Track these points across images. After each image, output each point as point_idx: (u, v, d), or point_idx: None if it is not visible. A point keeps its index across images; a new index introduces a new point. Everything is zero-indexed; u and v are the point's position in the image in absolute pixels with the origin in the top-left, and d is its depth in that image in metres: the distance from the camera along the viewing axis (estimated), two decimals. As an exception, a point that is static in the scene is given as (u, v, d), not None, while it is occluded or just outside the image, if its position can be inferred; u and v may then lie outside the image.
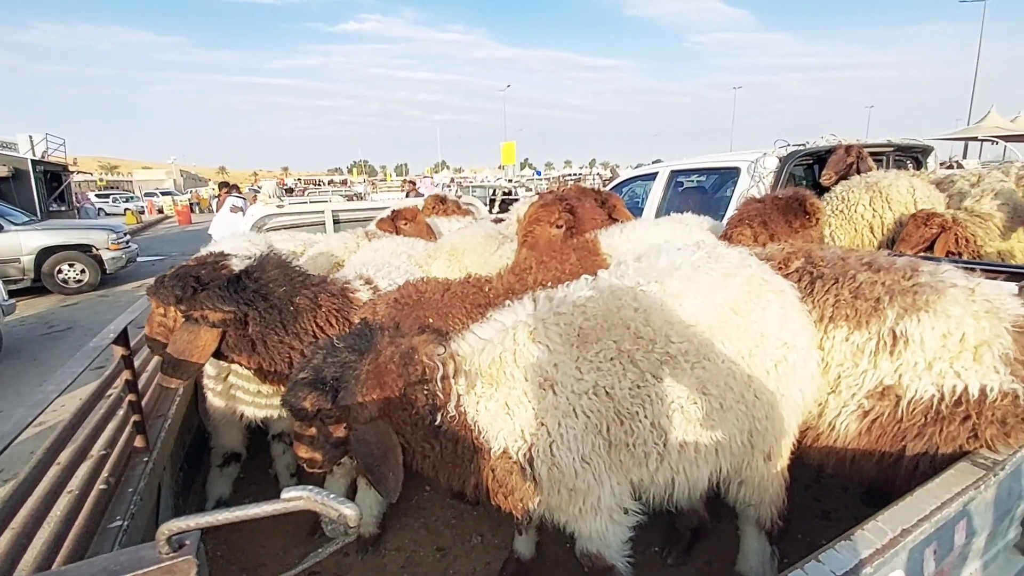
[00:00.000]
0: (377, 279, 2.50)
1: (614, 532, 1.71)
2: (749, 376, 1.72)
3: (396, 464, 1.52)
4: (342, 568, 2.45)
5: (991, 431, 1.70)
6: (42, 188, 12.82)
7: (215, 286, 1.94)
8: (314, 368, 1.55)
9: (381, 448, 1.51)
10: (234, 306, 1.94)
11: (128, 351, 2.00)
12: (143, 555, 0.66)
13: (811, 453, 2.00)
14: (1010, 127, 12.34)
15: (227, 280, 1.98)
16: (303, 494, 0.69)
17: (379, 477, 1.50)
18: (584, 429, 1.58)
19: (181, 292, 1.91)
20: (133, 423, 2.00)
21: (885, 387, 1.80)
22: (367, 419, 1.51)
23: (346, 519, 0.69)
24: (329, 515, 0.69)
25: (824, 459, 1.97)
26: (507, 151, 27.40)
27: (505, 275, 2.18)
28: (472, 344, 1.68)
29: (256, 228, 4.75)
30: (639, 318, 1.66)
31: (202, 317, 1.92)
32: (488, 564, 2.43)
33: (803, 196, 2.83)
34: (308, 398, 1.50)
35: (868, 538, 1.36)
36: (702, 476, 1.74)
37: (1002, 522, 1.81)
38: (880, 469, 1.87)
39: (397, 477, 1.52)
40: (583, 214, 2.53)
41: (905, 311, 1.79)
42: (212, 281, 1.96)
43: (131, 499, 1.73)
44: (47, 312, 8.61)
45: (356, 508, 0.70)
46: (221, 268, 2.02)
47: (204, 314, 1.92)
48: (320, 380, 1.52)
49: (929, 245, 3.55)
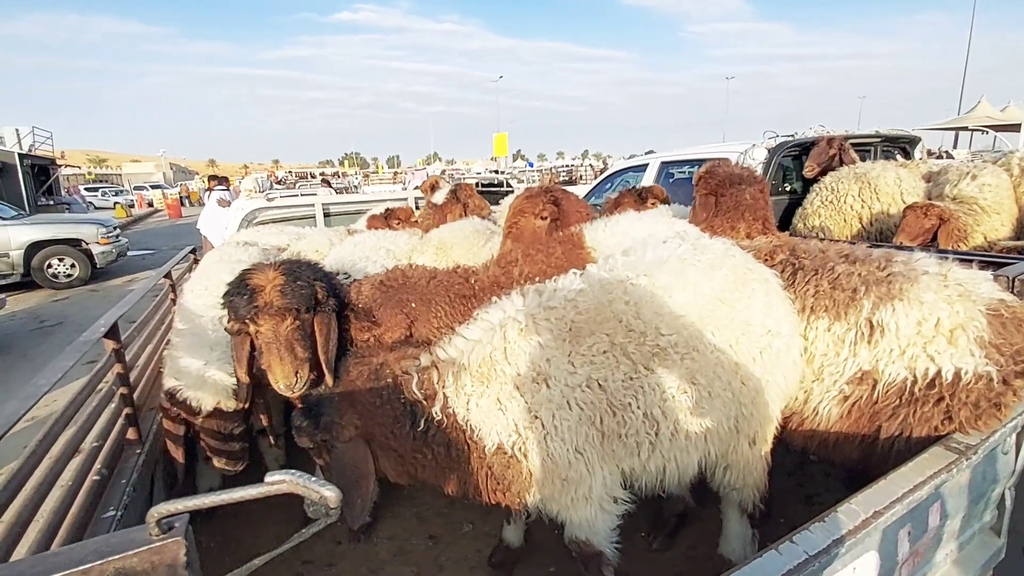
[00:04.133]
0: (354, 273, 2.53)
1: (603, 520, 1.75)
2: (736, 364, 1.76)
3: (366, 492, 1.59)
4: (334, 557, 2.49)
5: (965, 413, 1.75)
6: (30, 182, 12.67)
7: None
8: (306, 406, 1.65)
9: (355, 472, 1.58)
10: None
11: (119, 345, 2.01)
12: (133, 537, 0.68)
13: (796, 437, 2.05)
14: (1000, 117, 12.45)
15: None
16: (286, 477, 0.72)
17: (348, 500, 1.58)
18: (578, 421, 1.62)
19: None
20: (125, 416, 2.01)
21: (864, 372, 1.85)
22: (346, 439, 1.59)
23: (327, 500, 0.72)
24: (311, 497, 0.72)
25: (808, 443, 2.03)
26: (499, 143, 27.34)
27: (491, 267, 2.20)
28: (459, 346, 1.71)
29: (247, 222, 4.74)
30: (630, 311, 1.70)
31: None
32: (479, 551, 2.48)
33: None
34: (303, 437, 1.63)
35: (841, 520, 1.39)
36: (692, 463, 1.79)
37: (977, 505, 1.87)
38: (859, 451, 1.93)
39: (364, 505, 1.60)
40: (568, 206, 2.56)
41: (880, 300, 1.84)
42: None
43: (124, 490, 1.75)
44: (37, 307, 8.55)
45: (336, 490, 0.74)
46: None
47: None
48: (309, 414, 1.61)
49: (932, 237, 3.60)
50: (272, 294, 1.76)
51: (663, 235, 1.99)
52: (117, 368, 2.00)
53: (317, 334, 1.87)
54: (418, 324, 2.03)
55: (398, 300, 2.02)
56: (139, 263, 12.07)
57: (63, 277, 9.82)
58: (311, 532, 0.84)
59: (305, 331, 1.85)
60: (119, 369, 2.00)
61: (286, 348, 1.77)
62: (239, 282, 1.81)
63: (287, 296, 1.77)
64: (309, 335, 1.87)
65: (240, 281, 1.81)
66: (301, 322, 1.83)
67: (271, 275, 1.80)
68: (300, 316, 1.82)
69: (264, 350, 1.79)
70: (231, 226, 4.91)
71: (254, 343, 1.85)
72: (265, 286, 1.77)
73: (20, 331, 7.23)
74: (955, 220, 3.59)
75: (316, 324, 1.87)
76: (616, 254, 1.90)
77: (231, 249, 2.55)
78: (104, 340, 1.94)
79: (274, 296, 1.76)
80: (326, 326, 1.88)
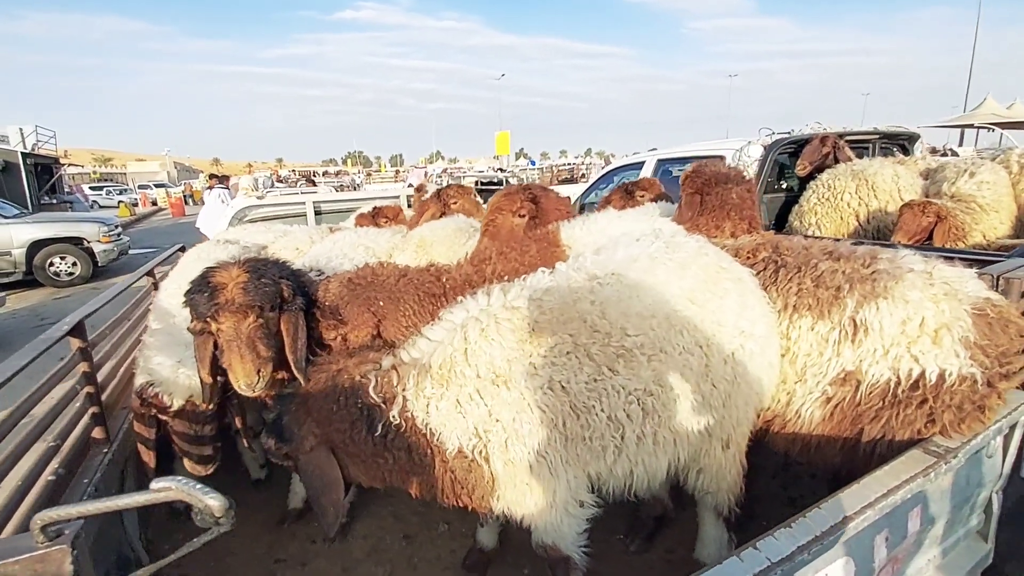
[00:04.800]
0: (329, 271, 2.50)
1: (569, 524, 1.71)
2: (706, 366, 1.71)
3: (336, 500, 1.57)
4: (308, 555, 2.47)
5: (948, 416, 1.68)
6: (33, 181, 12.76)
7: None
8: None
9: (322, 481, 1.56)
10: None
11: (85, 343, 1.99)
12: (17, 544, 0.66)
13: (778, 441, 2.00)
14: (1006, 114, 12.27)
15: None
16: (172, 484, 0.69)
17: (320, 510, 1.58)
18: (540, 424, 1.58)
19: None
20: (92, 415, 1.99)
21: (847, 373, 1.80)
22: (307, 449, 1.57)
23: (211, 510, 0.69)
24: (197, 506, 0.69)
25: (790, 447, 1.98)
26: (501, 141, 27.33)
27: (464, 265, 2.17)
28: (421, 347, 1.67)
29: (237, 220, 4.73)
30: (595, 311, 1.65)
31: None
32: (453, 552, 2.45)
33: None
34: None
35: (809, 525, 1.35)
36: (660, 467, 1.74)
37: (961, 509, 1.81)
38: (841, 454, 1.87)
39: (337, 512, 1.58)
40: (547, 204, 2.52)
41: (864, 299, 1.78)
42: None
43: (86, 490, 1.73)
44: (39, 305, 8.60)
45: (223, 499, 0.70)
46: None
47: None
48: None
49: (928, 235, 3.53)
50: (234, 291, 1.72)
51: (638, 233, 1.94)
52: (83, 367, 1.98)
53: (284, 333, 1.84)
54: (386, 323, 1.99)
55: (366, 298, 1.99)
56: (141, 261, 12.06)
57: (65, 275, 9.88)
58: (201, 543, 0.81)
59: (269, 330, 1.82)
60: (85, 368, 1.98)
61: (247, 346, 1.73)
62: (201, 280, 1.77)
63: (249, 293, 1.73)
64: (274, 334, 1.83)
65: (202, 279, 1.77)
66: (265, 320, 1.80)
67: (235, 272, 1.77)
68: (264, 314, 1.79)
69: (225, 348, 1.75)
70: (222, 224, 4.91)
71: (217, 343, 1.82)
72: (227, 283, 1.74)
73: (20, 328, 7.27)
74: (952, 218, 3.52)
75: (283, 323, 1.84)
76: (587, 252, 1.85)
77: (210, 247, 2.53)
78: (70, 338, 1.92)
79: (236, 293, 1.72)
80: (293, 325, 1.84)
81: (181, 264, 2.57)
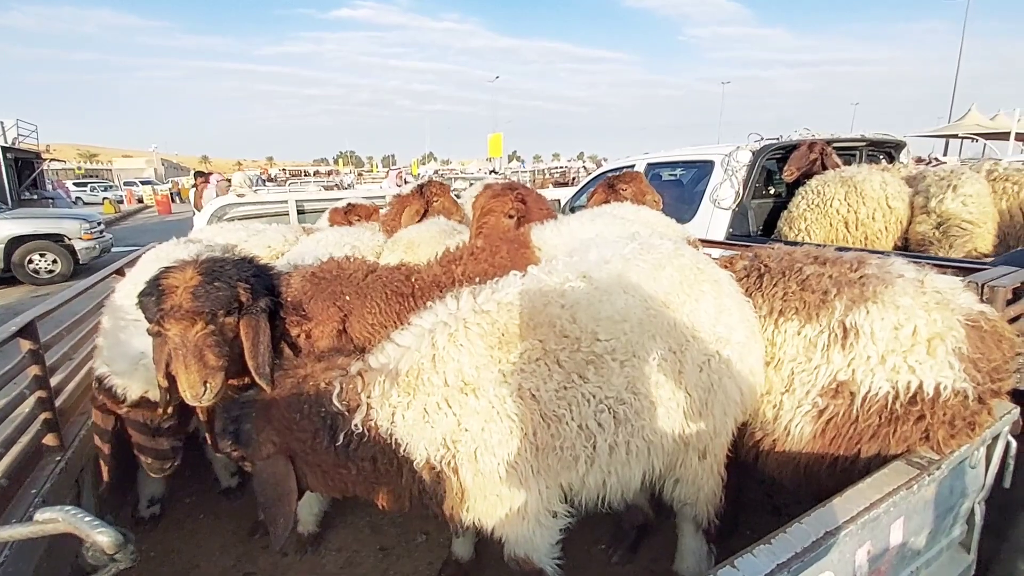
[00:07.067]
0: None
1: (541, 536, 1.65)
2: (680, 372, 1.65)
3: (288, 511, 1.51)
4: (279, 569, 2.37)
5: (942, 432, 1.62)
6: (12, 176, 12.49)
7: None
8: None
9: (276, 491, 1.50)
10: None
11: (36, 345, 1.89)
12: None
13: (768, 463, 1.89)
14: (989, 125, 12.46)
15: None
16: (59, 516, 0.61)
17: (270, 519, 1.50)
18: (509, 434, 1.51)
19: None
20: (43, 421, 1.89)
21: (839, 383, 1.71)
22: (264, 456, 1.50)
23: (101, 546, 0.61)
24: (86, 541, 0.61)
25: (780, 468, 1.87)
26: (494, 143, 27.28)
27: (433, 266, 2.10)
28: (389, 353, 1.61)
29: (216, 218, 4.62)
30: (565, 315, 1.59)
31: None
32: (430, 564, 2.37)
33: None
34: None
35: (789, 541, 1.30)
36: (634, 477, 1.68)
37: (944, 520, 1.77)
38: (834, 476, 1.76)
39: (287, 524, 1.51)
40: (532, 204, 2.48)
41: (853, 302, 1.71)
42: None
43: (32, 501, 1.63)
44: (17, 303, 8.39)
45: (115, 534, 0.62)
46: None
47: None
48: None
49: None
50: (183, 296, 1.62)
51: (611, 235, 1.88)
52: (34, 370, 1.88)
53: (244, 339, 1.74)
54: (352, 319, 1.91)
55: (331, 292, 1.91)
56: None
57: (44, 273, 9.67)
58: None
59: (224, 336, 1.71)
60: (37, 371, 1.88)
61: (193, 355, 1.62)
62: (153, 282, 1.67)
63: (199, 299, 1.63)
64: (229, 340, 1.73)
65: (154, 281, 1.68)
66: (217, 327, 1.69)
67: (188, 275, 1.67)
68: (216, 320, 1.68)
69: (172, 356, 1.65)
70: (200, 221, 4.79)
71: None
72: (178, 287, 1.64)
73: (-5, 327, 7.09)
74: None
75: (242, 328, 1.74)
76: (559, 255, 1.79)
77: (170, 247, 2.42)
78: (20, 340, 1.82)
79: (184, 299, 1.62)
80: (253, 329, 1.75)
81: (139, 263, 2.45)
